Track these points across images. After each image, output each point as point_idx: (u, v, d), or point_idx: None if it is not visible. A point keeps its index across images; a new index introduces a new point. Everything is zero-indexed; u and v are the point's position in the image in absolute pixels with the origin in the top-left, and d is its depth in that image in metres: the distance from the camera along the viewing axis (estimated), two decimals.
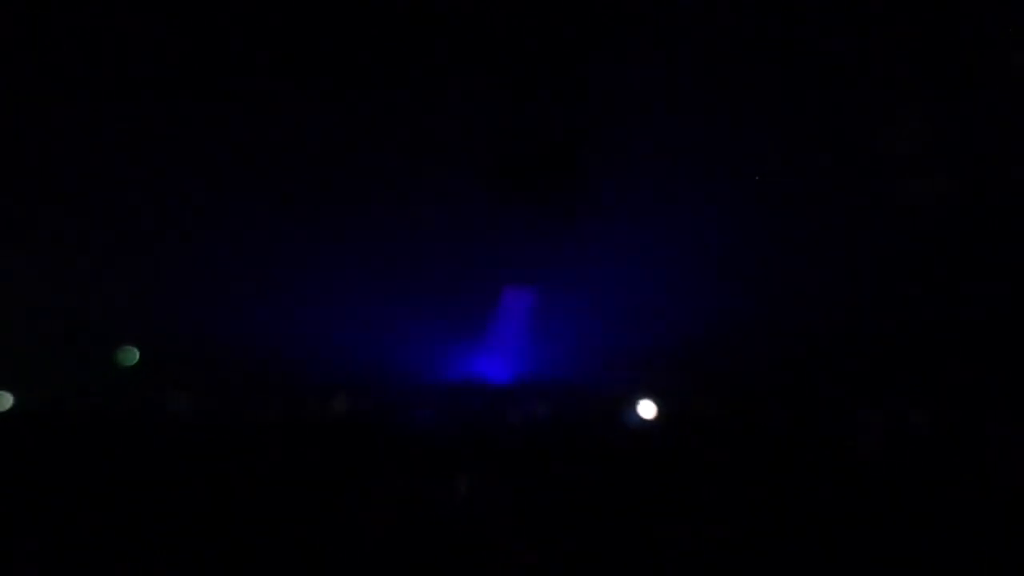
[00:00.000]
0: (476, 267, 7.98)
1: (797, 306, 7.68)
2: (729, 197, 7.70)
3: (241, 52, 7.57)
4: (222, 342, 7.58)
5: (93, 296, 7.77)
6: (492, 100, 7.82)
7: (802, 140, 7.77)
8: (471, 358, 8.07)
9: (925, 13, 7.31)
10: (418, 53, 7.66)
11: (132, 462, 6.41)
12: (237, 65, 7.59)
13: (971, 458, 6.41)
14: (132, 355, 7.96)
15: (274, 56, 7.61)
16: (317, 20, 7.53)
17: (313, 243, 7.84)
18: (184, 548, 5.53)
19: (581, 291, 7.89)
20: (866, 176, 7.78)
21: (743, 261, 7.87)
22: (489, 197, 7.86)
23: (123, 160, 7.70)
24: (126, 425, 7.11)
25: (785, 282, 7.73)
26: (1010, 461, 6.21)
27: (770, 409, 7.14)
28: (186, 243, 7.95)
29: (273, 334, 7.61)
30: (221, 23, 7.46)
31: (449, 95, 7.85)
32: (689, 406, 7.33)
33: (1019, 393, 6.81)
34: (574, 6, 7.53)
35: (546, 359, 8.02)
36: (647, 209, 7.80)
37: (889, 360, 7.49)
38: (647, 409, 7.24)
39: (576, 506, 6.01)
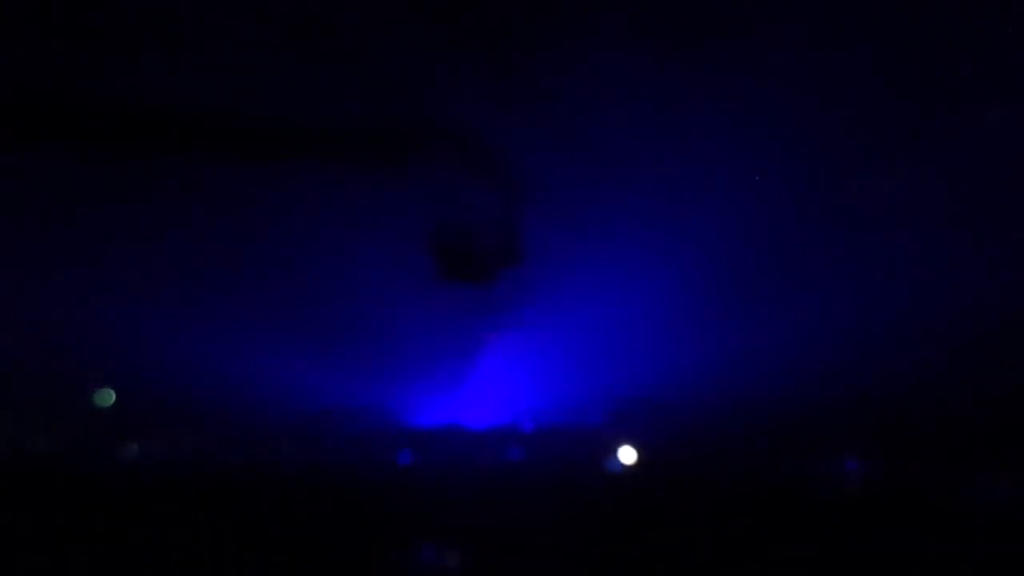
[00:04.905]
0: (453, 311, 7.90)
1: (785, 351, 7.55)
2: (719, 237, 7.61)
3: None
4: (194, 388, 7.45)
5: (65, 336, 7.63)
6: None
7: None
8: (449, 403, 7.96)
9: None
10: None
11: (100, 508, 6.35)
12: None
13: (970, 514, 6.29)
14: (108, 397, 7.83)
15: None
16: None
17: (286, 283, 7.75)
18: None
19: (562, 334, 7.81)
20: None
21: (731, 303, 7.75)
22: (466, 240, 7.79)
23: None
24: (96, 469, 7.04)
25: (772, 328, 7.62)
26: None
27: (754, 456, 7.04)
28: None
29: (247, 379, 7.50)
30: None
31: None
32: (671, 452, 7.23)
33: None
34: None
35: (525, 404, 7.92)
36: (632, 250, 7.74)
37: (885, 414, 7.30)
38: (628, 455, 7.14)
39: (555, 552, 5.95)
